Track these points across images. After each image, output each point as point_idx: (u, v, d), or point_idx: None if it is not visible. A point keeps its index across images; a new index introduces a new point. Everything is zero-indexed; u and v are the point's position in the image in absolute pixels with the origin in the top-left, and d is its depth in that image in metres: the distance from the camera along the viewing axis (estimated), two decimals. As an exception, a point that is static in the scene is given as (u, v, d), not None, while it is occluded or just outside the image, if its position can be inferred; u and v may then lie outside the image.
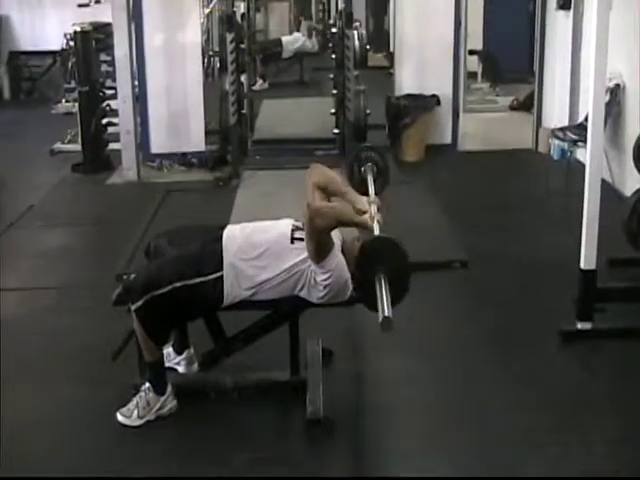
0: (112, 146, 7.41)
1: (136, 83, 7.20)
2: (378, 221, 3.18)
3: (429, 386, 3.68)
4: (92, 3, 9.78)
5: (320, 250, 3.18)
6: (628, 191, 5.24)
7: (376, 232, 3.12)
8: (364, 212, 3.23)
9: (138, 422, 3.33)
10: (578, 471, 3.05)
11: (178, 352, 3.67)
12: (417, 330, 4.19)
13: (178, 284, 3.25)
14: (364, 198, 3.36)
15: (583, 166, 4.05)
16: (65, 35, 8.76)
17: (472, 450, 3.19)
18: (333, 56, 7.97)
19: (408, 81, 7.70)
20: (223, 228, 3.46)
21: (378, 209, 3.26)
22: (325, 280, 3.21)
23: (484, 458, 3.14)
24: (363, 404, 3.54)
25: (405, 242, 4.90)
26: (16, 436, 3.29)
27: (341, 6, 7.54)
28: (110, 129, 7.48)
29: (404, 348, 3.97)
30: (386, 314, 2.74)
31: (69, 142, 8.03)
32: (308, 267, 3.24)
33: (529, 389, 3.61)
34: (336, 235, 3.32)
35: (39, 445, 3.26)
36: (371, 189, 3.60)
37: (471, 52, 9.23)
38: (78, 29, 7.36)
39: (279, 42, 12.11)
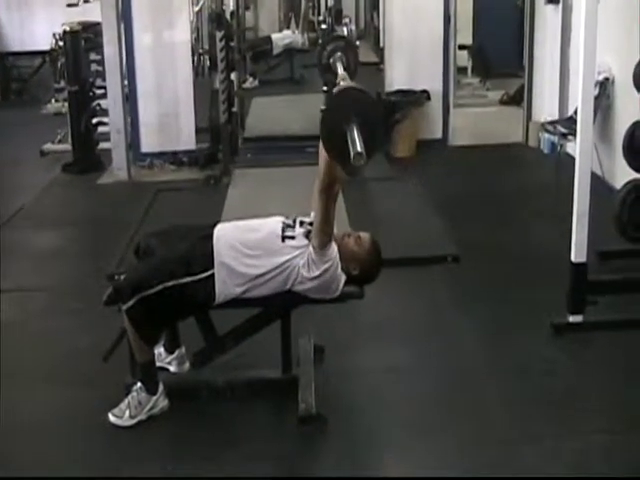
0: (102, 146, 7.39)
1: (126, 82, 7.19)
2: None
3: (421, 379, 3.69)
4: (81, 3, 9.72)
5: (329, 235, 3.19)
6: (618, 184, 5.25)
7: None
8: None
9: (130, 422, 3.32)
10: (571, 461, 3.07)
11: (169, 352, 3.66)
12: (409, 324, 4.21)
13: (169, 283, 3.24)
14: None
15: (573, 159, 4.06)
16: (54, 35, 8.73)
17: (466, 442, 3.20)
18: (323, 53, 7.95)
19: (398, 77, 7.70)
20: (214, 226, 3.45)
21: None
22: (326, 270, 3.22)
23: (479, 450, 3.15)
24: (356, 400, 3.54)
25: (397, 237, 4.93)
26: (7, 439, 3.28)
27: (330, 3, 7.53)
28: (100, 129, 7.46)
29: (396, 343, 3.99)
30: (358, 149, 2.72)
31: (59, 142, 8.00)
32: (299, 262, 3.24)
33: (521, 381, 3.62)
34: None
35: (30, 447, 3.25)
36: (340, 70, 3.51)
37: (461, 47, 9.22)
38: (67, 29, 7.34)
39: (269, 39, 12.08)
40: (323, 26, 8.29)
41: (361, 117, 2.87)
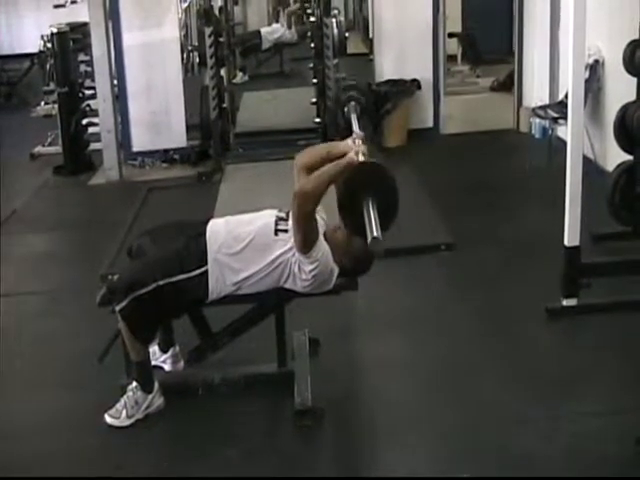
0: (93, 146, 7.38)
1: (115, 82, 7.17)
2: (363, 153, 3.11)
3: (417, 367, 3.70)
4: (68, 3, 9.70)
5: (307, 239, 3.16)
6: (610, 166, 5.24)
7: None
8: (348, 152, 3.13)
9: (127, 422, 3.32)
10: (567, 443, 3.07)
11: (163, 350, 3.66)
12: (404, 313, 4.21)
13: (162, 282, 3.23)
14: (347, 140, 3.30)
15: (564, 143, 4.05)
16: (42, 37, 8.70)
17: (462, 428, 3.20)
18: (312, 45, 7.92)
19: (388, 67, 7.67)
20: (206, 223, 3.43)
21: (362, 141, 3.22)
22: (312, 270, 3.20)
23: (475, 435, 3.15)
24: (351, 391, 3.54)
25: (390, 227, 4.90)
26: (4, 441, 3.28)
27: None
28: (91, 129, 7.44)
29: (391, 332, 3.98)
30: (374, 234, 2.73)
31: (50, 145, 7.97)
32: (292, 256, 3.23)
33: (516, 366, 3.62)
34: (320, 224, 3.30)
35: (27, 449, 3.24)
36: (355, 125, 3.54)
37: (450, 35, 9.21)
38: (55, 30, 7.31)
39: (258, 34, 12.05)
40: (312, 18, 8.26)
41: (379, 194, 2.90)
